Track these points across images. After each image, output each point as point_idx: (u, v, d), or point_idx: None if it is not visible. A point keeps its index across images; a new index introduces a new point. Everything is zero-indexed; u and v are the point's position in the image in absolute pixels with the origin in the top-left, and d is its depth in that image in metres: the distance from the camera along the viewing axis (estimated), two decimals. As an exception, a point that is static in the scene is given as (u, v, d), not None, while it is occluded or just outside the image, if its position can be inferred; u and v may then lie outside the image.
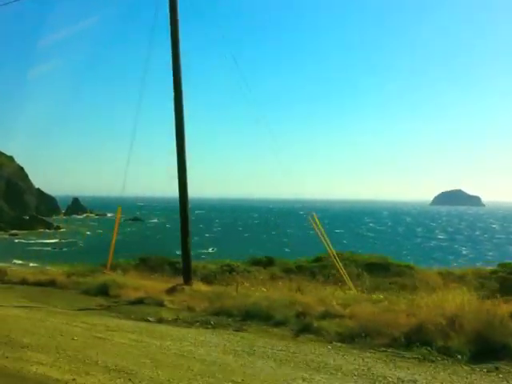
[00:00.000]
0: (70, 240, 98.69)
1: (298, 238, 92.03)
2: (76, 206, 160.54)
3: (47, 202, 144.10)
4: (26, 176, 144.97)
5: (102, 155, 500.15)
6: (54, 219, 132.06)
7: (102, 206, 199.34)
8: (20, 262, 54.55)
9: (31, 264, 53.60)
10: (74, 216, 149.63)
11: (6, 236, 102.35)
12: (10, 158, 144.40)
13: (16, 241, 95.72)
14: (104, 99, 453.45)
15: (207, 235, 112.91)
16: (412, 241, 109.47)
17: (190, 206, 15.96)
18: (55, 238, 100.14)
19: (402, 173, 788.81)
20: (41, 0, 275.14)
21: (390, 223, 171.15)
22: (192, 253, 16.13)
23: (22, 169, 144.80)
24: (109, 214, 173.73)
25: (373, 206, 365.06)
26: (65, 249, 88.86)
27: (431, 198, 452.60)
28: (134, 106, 16.58)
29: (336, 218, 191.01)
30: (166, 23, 15.60)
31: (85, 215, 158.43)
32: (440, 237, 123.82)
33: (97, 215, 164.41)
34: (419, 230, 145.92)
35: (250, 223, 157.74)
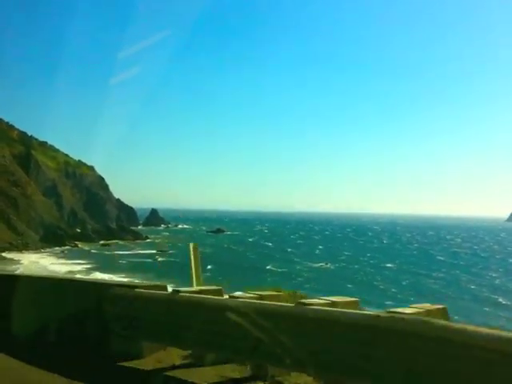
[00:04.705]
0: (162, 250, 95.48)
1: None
2: (154, 217, 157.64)
3: (127, 213, 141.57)
4: (107, 186, 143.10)
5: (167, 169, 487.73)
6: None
7: (172, 217, 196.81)
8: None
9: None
10: (152, 227, 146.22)
11: (97, 247, 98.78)
12: (91, 168, 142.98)
13: (117, 252, 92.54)
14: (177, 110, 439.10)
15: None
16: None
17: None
18: (149, 248, 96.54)
19: (465, 187, 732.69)
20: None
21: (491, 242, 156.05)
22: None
23: (102, 179, 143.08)
24: (179, 226, 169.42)
25: (447, 223, 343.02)
26: (160, 258, 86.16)
27: (505, 215, 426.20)
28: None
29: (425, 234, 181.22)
30: None
31: (164, 226, 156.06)
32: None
33: (175, 226, 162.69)
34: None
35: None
